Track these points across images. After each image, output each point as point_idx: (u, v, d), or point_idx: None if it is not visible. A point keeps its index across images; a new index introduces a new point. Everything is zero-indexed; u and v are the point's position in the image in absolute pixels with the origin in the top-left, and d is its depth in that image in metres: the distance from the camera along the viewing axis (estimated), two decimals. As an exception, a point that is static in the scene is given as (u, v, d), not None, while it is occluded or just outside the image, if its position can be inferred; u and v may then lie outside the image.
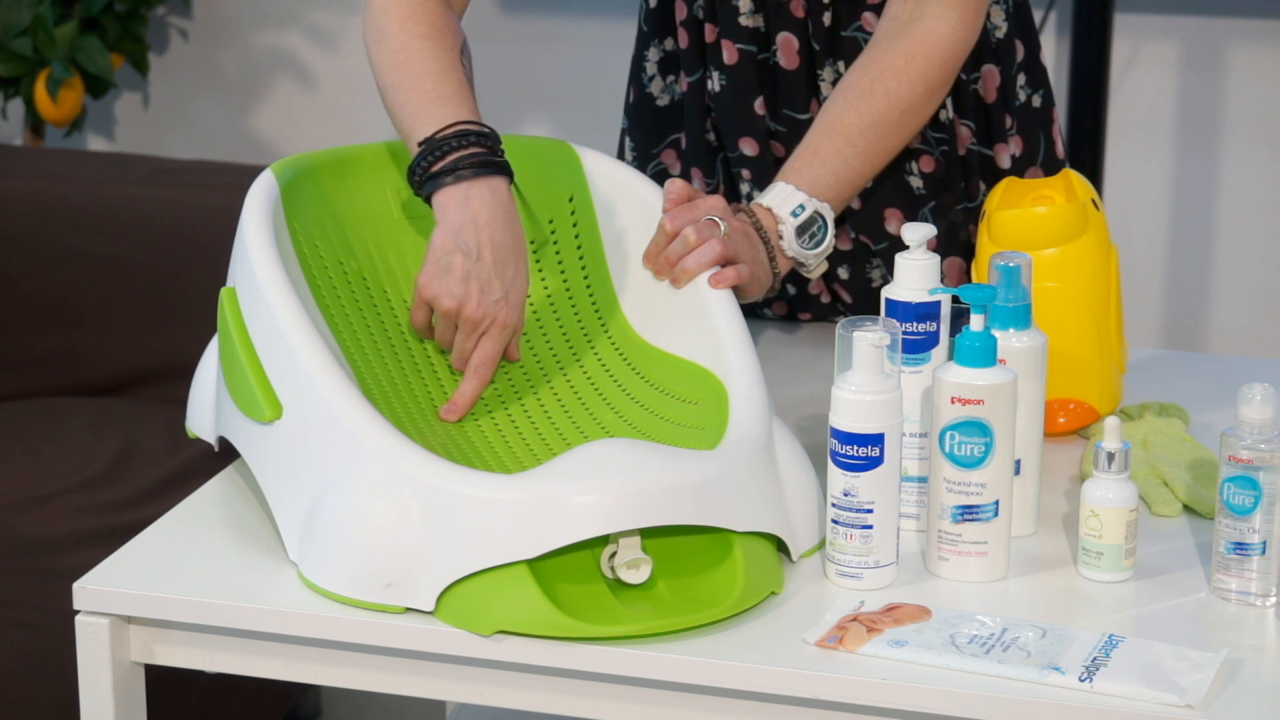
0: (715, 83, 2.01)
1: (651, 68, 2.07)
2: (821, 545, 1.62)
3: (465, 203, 1.72)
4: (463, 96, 1.78)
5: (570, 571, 1.55)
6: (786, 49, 1.98)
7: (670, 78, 2.06)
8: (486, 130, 1.75)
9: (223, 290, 1.71)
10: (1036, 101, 2.03)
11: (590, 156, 1.87)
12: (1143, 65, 3.46)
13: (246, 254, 1.70)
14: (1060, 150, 2.06)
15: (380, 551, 1.54)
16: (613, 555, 1.55)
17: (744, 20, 1.98)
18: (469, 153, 1.73)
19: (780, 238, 1.82)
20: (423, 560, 1.53)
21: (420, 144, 1.74)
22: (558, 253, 1.85)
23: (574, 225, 1.85)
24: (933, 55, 1.87)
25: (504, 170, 1.75)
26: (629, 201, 1.84)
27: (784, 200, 1.82)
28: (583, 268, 1.84)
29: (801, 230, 1.82)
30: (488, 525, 1.51)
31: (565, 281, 1.84)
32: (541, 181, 1.86)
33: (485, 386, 1.74)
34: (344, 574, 1.56)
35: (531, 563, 1.52)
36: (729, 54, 2.00)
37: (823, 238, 1.83)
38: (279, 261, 1.69)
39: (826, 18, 1.97)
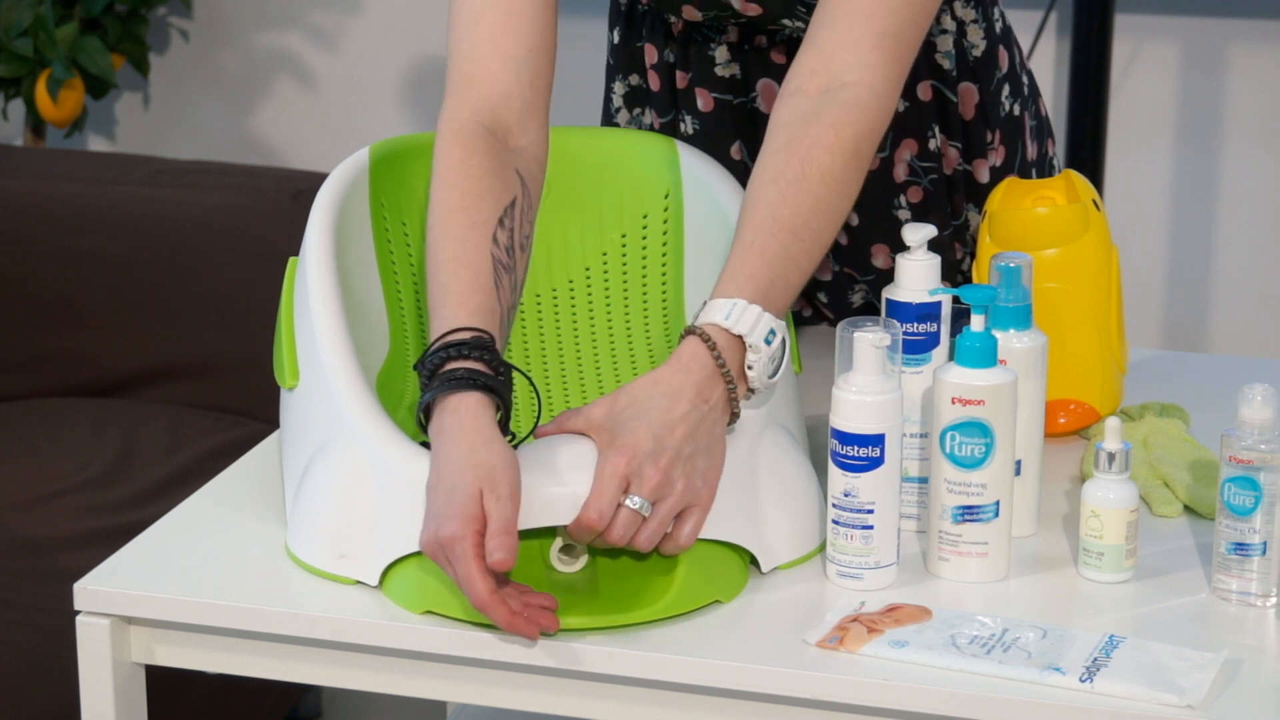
0: (688, 126, 1.97)
1: (617, 100, 2.03)
2: (809, 556, 1.62)
3: (436, 436, 1.55)
4: (469, 289, 1.63)
5: (518, 564, 1.55)
6: (767, 94, 1.93)
7: (636, 110, 2.02)
8: (466, 339, 1.58)
9: (290, 259, 1.77)
10: (1017, 110, 2.01)
11: (686, 153, 1.88)
12: (1143, 65, 3.46)
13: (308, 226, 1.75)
14: (1031, 154, 2.02)
15: (337, 523, 1.58)
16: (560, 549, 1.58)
17: (720, 70, 1.93)
18: (444, 370, 1.57)
19: (750, 369, 1.59)
20: (371, 536, 1.57)
21: (416, 366, 1.62)
22: (644, 250, 1.87)
23: (664, 223, 1.87)
24: (860, 125, 1.67)
25: (472, 384, 1.56)
26: (706, 200, 1.84)
27: (754, 325, 1.58)
28: (663, 267, 1.86)
29: (770, 359, 1.60)
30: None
31: (644, 279, 1.86)
32: (644, 176, 1.88)
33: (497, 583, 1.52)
34: (306, 541, 1.60)
35: None
36: (704, 102, 1.95)
37: (780, 362, 1.61)
38: (329, 236, 1.73)
39: None
